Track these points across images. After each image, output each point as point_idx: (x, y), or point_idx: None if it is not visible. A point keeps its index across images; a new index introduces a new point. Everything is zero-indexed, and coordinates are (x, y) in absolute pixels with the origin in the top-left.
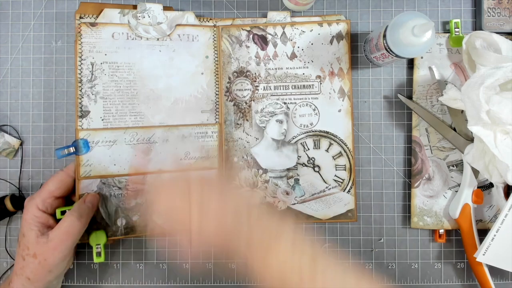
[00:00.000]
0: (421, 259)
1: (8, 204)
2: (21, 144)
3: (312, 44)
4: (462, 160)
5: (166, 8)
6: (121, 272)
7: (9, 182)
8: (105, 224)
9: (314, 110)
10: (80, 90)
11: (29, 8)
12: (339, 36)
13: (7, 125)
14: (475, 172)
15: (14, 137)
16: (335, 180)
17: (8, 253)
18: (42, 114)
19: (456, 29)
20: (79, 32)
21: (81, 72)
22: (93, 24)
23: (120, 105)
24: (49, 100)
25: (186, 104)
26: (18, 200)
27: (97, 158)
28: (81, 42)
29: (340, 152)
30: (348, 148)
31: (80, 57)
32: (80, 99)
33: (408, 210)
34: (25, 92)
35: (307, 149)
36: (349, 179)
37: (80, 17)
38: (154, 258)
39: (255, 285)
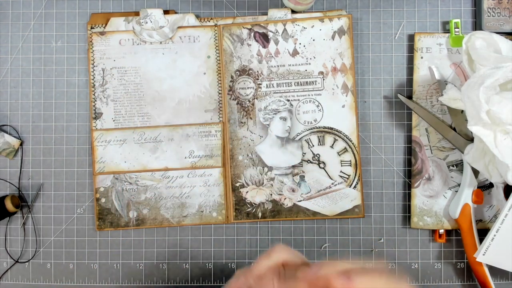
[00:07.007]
0: (421, 259)
1: (8, 204)
2: (21, 144)
3: (313, 40)
4: (462, 160)
5: (167, 12)
6: (121, 272)
7: (9, 182)
8: (119, 215)
9: (317, 106)
10: (93, 94)
11: (29, 8)
12: (340, 31)
13: (7, 125)
14: (475, 172)
15: (14, 137)
16: (340, 176)
17: (8, 253)
18: (42, 114)
19: (456, 29)
20: (91, 41)
21: (94, 77)
22: (102, 33)
23: (129, 106)
24: (49, 100)
25: (190, 104)
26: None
27: (109, 156)
28: (93, 50)
29: (345, 148)
30: (353, 143)
31: (92, 64)
32: (94, 102)
33: (408, 210)
34: (25, 92)
35: (311, 145)
36: (355, 175)
37: (91, 28)
38: (154, 258)
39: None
